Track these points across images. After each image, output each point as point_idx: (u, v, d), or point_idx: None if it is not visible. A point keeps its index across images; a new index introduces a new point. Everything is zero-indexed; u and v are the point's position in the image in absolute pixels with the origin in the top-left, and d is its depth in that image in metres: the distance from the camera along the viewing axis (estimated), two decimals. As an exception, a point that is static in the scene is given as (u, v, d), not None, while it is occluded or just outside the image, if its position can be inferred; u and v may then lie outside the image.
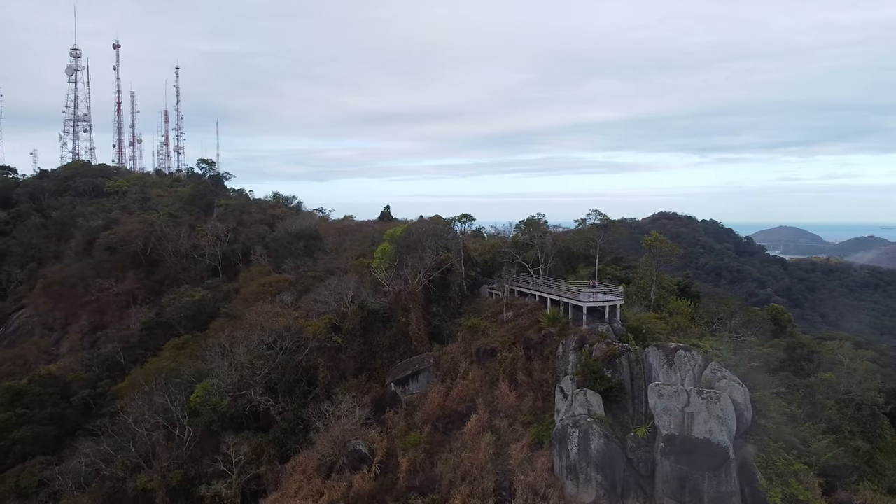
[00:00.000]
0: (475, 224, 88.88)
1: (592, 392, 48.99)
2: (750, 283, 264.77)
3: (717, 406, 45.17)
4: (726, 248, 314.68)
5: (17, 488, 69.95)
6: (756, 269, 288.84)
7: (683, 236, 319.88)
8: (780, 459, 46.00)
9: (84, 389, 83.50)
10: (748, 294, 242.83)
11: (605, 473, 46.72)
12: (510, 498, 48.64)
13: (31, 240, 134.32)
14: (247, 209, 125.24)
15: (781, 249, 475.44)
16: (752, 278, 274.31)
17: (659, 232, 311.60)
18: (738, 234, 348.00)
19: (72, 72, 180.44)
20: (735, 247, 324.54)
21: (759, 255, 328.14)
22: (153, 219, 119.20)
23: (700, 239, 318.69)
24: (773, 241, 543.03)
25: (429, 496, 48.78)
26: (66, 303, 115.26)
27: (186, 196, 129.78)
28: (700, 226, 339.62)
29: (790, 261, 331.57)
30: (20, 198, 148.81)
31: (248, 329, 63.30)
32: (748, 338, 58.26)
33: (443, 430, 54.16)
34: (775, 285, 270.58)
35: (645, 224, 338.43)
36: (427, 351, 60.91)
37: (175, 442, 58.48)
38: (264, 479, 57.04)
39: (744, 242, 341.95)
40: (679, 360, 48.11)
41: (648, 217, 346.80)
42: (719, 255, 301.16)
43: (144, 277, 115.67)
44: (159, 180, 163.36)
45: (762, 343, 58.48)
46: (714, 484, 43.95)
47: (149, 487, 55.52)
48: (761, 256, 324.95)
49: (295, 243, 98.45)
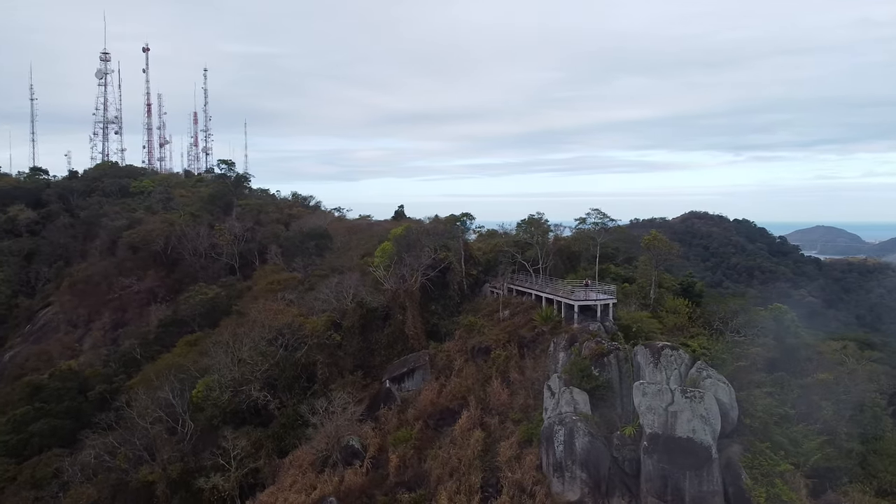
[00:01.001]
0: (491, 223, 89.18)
1: (579, 390, 49.14)
2: (783, 284, 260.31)
3: (701, 405, 45.01)
4: (759, 248, 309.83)
5: (33, 479, 72.33)
6: (789, 270, 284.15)
7: (714, 236, 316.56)
8: (767, 459, 45.66)
9: (101, 384, 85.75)
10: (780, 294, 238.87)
11: (589, 471, 46.86)
12: (496, 494, 49.02)
13: (59, 239, 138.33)
14: (264, 209, 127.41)
15: (818, 249, 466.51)
16: (784, 278, 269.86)
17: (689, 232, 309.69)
18: (771, 233, 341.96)
19: (101, 75, 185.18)
20: (768, 247, 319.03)
21: (793, 255, 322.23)
22: (174, 218, 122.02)
23: (732, 239, 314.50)
24: (810, 241, 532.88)
25: (416, 492, 49.40)
26: (89, 300, 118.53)
27: (206, 196, 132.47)
28: (732, 225, 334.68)
29: (825, 261, 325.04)
30: (50, 198, 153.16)
31: (250, 326, 64.64)
32: (738, 337, 57.78)
33: (434, 427, 54.76)
34: (809, 286, 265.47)
35: (675, 224, 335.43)
36: (423, 349, 61.57)
37: (177, 436, 60.02)
38: (262, 473, 58.24)
39: (777, 242, 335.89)
40: (665, 358, 47.99)
41: (679, 217, 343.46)
42: (751, 255, 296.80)
43: (165, 276, 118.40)
44: (183, 181, 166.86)
45: (754, 343, 58.03)
46: (696, 483, 43.84)
47: (150, 479, 57.10)
48: (795, 256, 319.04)
49: (306, 242, 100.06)
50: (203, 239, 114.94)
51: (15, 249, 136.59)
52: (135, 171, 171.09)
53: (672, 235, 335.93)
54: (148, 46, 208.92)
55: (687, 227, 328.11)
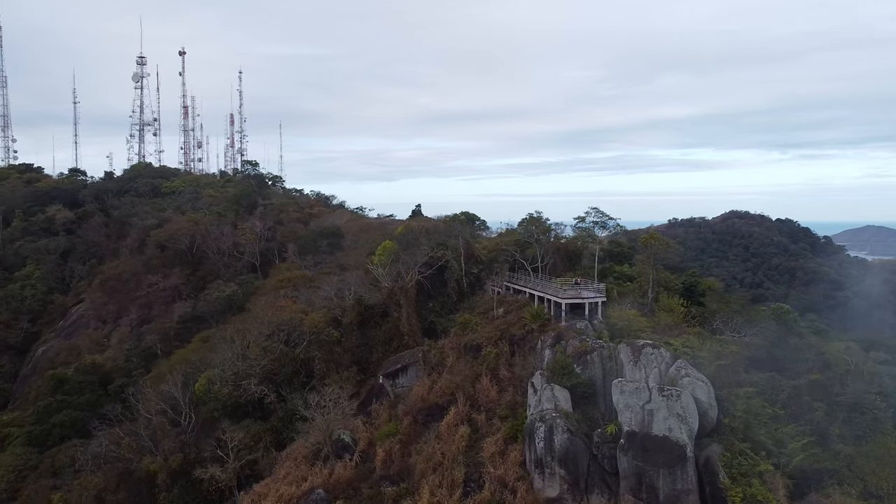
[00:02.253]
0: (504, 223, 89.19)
1: (560, 387, 49.47)
2: (826, 285, 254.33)
3: (678, 404, 44.98)
4: (801, 249, 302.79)
5: (53, 467, 75.50)
6: (833, 271, 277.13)
7: (755, 236, 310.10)
8: (747, 459, 45.38)
9: (120, 378, 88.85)
10: (823, 296, 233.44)
11: (568, 468, 47.11)
12: (478, 489, 49.63)
13: (93, 238, 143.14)
14: (285, 208, 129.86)
15: (868, 250, 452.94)
16: (827, 280, 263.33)
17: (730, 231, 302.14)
18: (814, 233, 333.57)
19: (137, 78, 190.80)
20: (811, 247, 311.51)
21: (839, 255, 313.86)
22: (199, 218, 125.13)
23: (774, 239, 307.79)
24: (860, 242, 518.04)
25: (400, 485, 50.34)
26: (118, 297, 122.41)
27: (231, 196, 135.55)
28: (774, 225, 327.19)
29: (871, 262, 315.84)
30: (86, 199, 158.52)
31: (252, 322, 66.36)
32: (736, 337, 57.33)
33: (423, 423, 55.58)
34: (854, 287, 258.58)
35: (715, 223, 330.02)
36: (419, 346, 62.44)
37: (180, 428, 62.04)
38: (260, 465, 59.89)
39: (821, 242, 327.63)
40: (645, 357, 48.07)
41: (719, 216, 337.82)
42: (794, 255, 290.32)
43: (190, 273, 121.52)
44: (213, 181, 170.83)
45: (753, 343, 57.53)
46: (669, 481, 43.84)
47: (152, 469, 59.18)
48: (841, 257, 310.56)
49: (319, 241, 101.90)
50: (226, 238, 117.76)
51: (51, 248, 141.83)
52: (167, 172, 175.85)
53: (712, 235, 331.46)
54: (184, 50, 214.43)
55: (727, 226, 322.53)
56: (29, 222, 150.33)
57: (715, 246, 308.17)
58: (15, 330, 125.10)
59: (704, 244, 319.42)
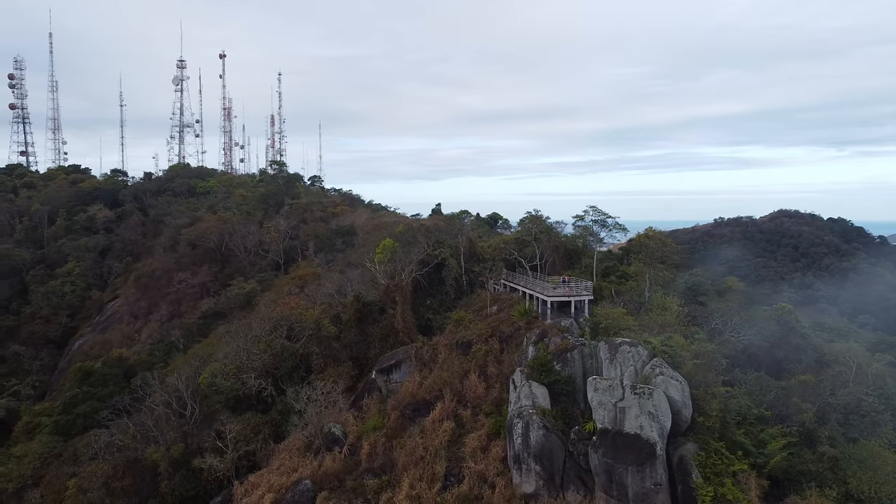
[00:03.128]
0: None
1: (537, 384, 49.91)
2: (880, 286, 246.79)
3: (650, 402, 44.94)
4: (854, 248, 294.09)
5: (75, 455, 78.92)
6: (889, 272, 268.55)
7: (805, 235, 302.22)
8: (721, 459, 45.13)
9: (143, 371, 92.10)
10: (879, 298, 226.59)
11: (543, 464, 47.51)
12: (458, 484, 50.43)
13: (130, 236, 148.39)
14: (310, 207, 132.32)
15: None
16: (882, 281, 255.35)
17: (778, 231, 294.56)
18: (869, 232, 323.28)
19: (177, 81, 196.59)
20: (865, 247, 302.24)
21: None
22: (228, 217, 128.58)
23: (824, 238, 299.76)
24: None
25: (382, 478, 51.47)
26: (150, 293, 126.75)
27: (259, 196, 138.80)
28: (825, 224, 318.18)
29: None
30: (125, 198, 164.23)
31: (256, 318, 68.34)
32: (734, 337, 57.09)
33: (410, 417, 56.57)
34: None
35: (763, 223, 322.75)
36: (413, 342, 63.44)
37: (184, 419, 64.37)
38: (259, 456, 61.73)
39: (876, 242, 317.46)
40: (622, 355, 48.10)
41: (767, 215, 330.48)
42: (846, 255, 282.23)
43: (218, 271, 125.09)
44: (245, 181, 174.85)
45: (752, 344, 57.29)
46: (638, 479, 43.87)
47: (155, 458, 61.58)
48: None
49: (334, 239, 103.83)
50: (252, 236, 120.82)
51: (91, 246, 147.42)
52: (203, 172, 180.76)
53: (759, 235, 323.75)
54: (224, 53, 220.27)
55: (775, 226, 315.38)
56: (71, 221, 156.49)
57: (763, 245, 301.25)
58: (54, 324, 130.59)
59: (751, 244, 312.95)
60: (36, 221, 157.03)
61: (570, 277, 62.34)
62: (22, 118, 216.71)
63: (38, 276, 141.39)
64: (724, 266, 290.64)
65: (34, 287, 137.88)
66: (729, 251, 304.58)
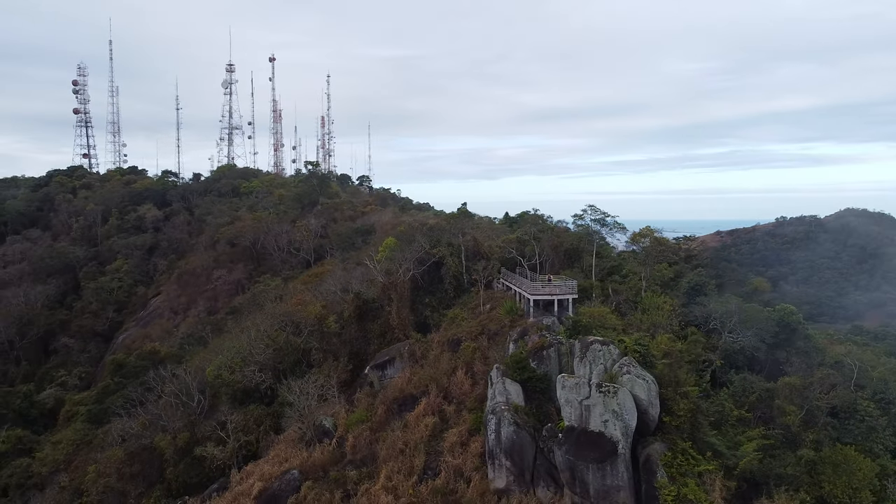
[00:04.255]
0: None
1: (511, 381, 50.54)
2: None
3: (614, 400, 45.08)
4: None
5: (104, 442, 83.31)
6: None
7: (873, 235, 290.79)
8: (687, 459, 44.93)
9: (173, 364, 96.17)
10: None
11: (513, 460, 48.14)
12: (434, 477, 51.48)
13: (175, 235, 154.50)
14: (340, 207, 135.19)
15: None
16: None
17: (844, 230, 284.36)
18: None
19: (226, 85, 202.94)
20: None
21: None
22: (263, 216, 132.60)
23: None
24: None
25: (362, 469, 52.98)
26: (189, 290, 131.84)
27: (294, 195, 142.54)
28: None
29: None
30: (173, 198, 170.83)
31: (263, 314, 70.87)
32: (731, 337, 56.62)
33: (396, 412, 57.91)
34: None
35: (827, 222, 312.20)
36: (407, 339, 64.75)
37: (191, 409, 67.36)
38: (260, 447, 64.16)
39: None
40: (592, 353, 48.25)
41: (832, 214, 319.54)
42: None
43: (253, 269, 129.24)
44: (286, 181, 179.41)
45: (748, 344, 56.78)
46: (599, 476, 44.10)
47: (162, 446, 64.71)
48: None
49: (355, 237, 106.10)
50: (285, 235, 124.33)
51: (139, 244, 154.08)
52: (248, 173, 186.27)
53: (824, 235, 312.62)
54: (274, 56, 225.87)
55: (841, 225, 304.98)
56: (123, 220, 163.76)
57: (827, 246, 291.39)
58: (102, 319, 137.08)
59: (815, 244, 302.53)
60: (90, 220, 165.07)
61: (556, 277, 62.54)
62: (85, 122, 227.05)
63: (89, 272, 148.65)
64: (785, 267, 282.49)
65: (85, 283, 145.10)
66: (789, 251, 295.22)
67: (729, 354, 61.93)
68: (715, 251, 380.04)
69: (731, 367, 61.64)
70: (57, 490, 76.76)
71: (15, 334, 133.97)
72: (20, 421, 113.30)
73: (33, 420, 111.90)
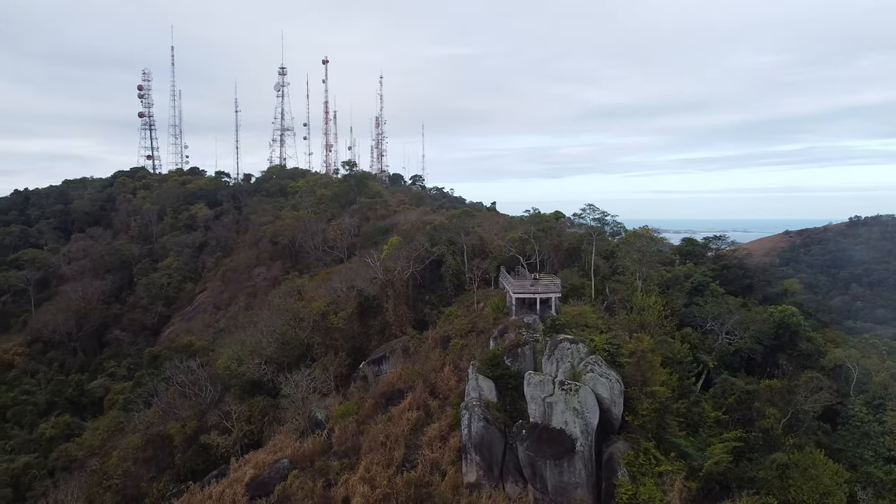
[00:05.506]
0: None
1: (484, 378, 51.38)
2: None
3: (575, 398, 45.43)
4: None
5: (133, 429, 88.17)
6: None
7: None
8: (648, 459, 44.93)
9: (204, 356, 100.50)
10: None
11: (483, 455, 48.97)
12: (411, 469, 52.85)
13: (223, 233, 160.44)
14: (373, 206, 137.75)
15: None
16: None
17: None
18: None
19: (278, 88, 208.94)
20: None
21: None
22: (301, 215, 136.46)
23: None
24: None
25: (344, 460, 54.79)
26: (232, 286, 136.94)
27: (331, 195, 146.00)
28: None
29: None
30: (224, 198, 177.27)
31: (272, 309, 73.68)
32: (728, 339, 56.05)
33: (384, 406, 59.46)
34: None
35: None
36: (404, 335, 66.21)
37: (199, 399, 70.71)
38: (264, 436, 66.86)
39: None
40: (561, 351, 48.66)
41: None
42: None
43: (291, 266, 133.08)
44: (329, 181, 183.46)
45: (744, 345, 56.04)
46: (556, 473, 44.57)
47: (172, 433, 68.20)
48: None
49: (377, 236, 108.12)
50: (320, 234, 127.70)
51: (189, 242, 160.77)
52: (297, 173, 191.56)
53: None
54: (327, 59, 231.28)
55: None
56: (176, 219, 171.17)
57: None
58: (151, 313, 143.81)
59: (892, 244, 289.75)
60: (147, 219, 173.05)
61: (546, 276, 62.83)
62: (149, 125, 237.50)
63: (143, 269, 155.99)
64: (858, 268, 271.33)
65: (138, 279, 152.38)
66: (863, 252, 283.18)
67: (725, 356, 61.07)
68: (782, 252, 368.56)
69: (727, 368, 60.76)
70: (88, 473, 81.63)
71: (73, 326, 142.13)
72: (71, 408, 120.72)
73: (83, 407, 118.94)
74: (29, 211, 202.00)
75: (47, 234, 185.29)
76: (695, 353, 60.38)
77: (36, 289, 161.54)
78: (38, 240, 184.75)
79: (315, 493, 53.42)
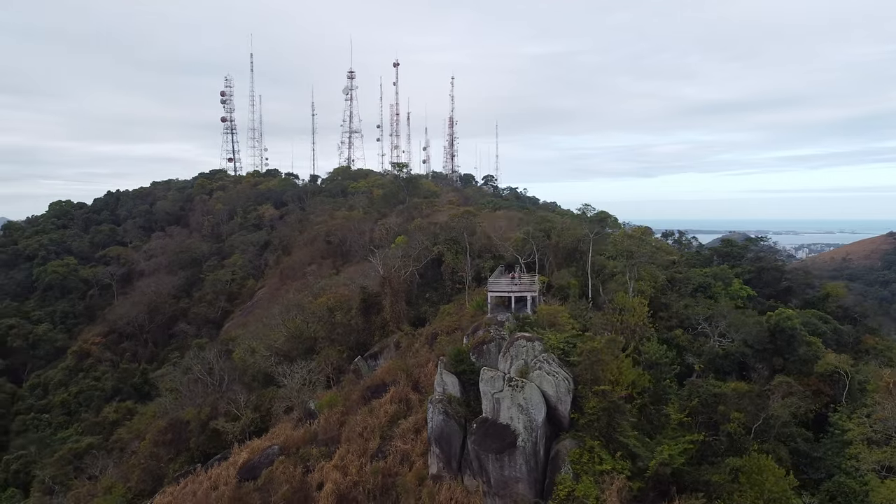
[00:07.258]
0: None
1: (448, 373, 52.72)
2: None
3: (521, 394, 46.22)
4: None
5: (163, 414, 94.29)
6: None
7: None
8: (594, 457, 45.15)
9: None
10: None
11: (442, 448, 50.47)
12: (383, 459, 54.96)
13: (285, 232, 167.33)
14: (419, 206, 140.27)
15: None
16: None
17: None
18: None
19: (347, 91, 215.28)
20: None
21: None
22: (352, 215, 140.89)
23: None
24: None
25: (322, 448, 57.49)
26: (287, 283, 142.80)
27: (381, 196, 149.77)
28: None
29: None
30: (289, 199, 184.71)
31: (283, 304, 77.45)
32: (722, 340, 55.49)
33: (369, 398, 61.78)
34: None
35: None
36: (399, 332, 68.29)
37: (214, 387, 75.27)
38: (271, 424, 70.62)
39: None
40: (516, 348, 49.48)
41: None
42: None
43: (341, 264, 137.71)
44: (384, 181, 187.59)
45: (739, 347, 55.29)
46: (498, 467, 45.54)
47: (187, 419, 72.98)
48: None
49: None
50: (367, 233, 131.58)
51: (254, 241, 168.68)
52: (359, 174, 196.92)
53: None
54: (398, 62, 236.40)
55: None
56: (245, 219, 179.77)
57: None
58: (215, 308, 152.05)
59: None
60: (218, 219, 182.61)
61: (525, 275, 63.34)
62: (230, 129, 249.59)
63: (211, 266, 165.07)
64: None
65: (206, 275, 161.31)
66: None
67: (714, 359, 59.97)
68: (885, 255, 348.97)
69: (716, 372, 59.70)
70: (128, 454, 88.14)
71: (145, 319, 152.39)
72: (135, 394, 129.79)
73: (145, 394, 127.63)
74: (119, 211, 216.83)
75: (132, 233, 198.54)
76: (682, 355, 59.66)
77: (119, 283, 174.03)
78: (124, 238, 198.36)
79: (294, 478, 56.32)
